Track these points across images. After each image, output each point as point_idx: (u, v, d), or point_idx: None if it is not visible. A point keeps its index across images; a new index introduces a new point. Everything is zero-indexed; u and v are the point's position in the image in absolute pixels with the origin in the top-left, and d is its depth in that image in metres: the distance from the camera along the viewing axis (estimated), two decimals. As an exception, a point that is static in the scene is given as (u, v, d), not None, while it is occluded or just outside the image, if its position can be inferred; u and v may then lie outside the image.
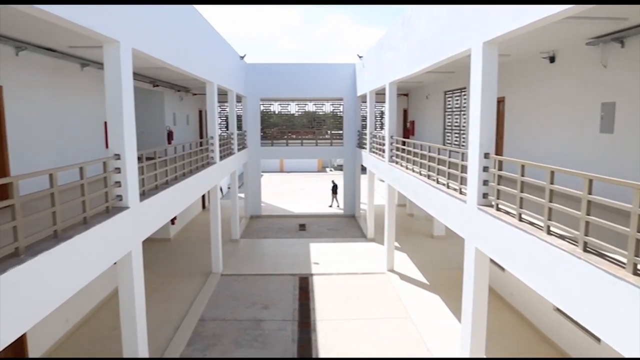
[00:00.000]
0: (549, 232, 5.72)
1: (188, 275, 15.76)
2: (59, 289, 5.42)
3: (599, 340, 8.95)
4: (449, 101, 17.24)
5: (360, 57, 21.77)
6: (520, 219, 6.45)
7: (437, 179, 10.26)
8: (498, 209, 7.18)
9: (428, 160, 10.91)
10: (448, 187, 9.55)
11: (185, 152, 11.79)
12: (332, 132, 26.80)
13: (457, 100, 16.41)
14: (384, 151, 16.25)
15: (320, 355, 10.56)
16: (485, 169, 7.59)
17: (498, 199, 7.20)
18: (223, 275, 15.77)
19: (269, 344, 10.97)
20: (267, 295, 13.99)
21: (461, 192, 8.73)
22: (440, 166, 10.06)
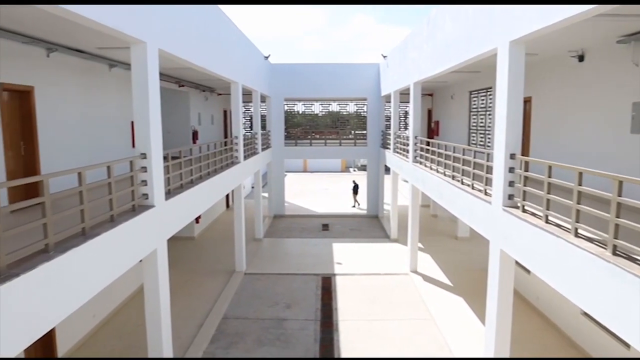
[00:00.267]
0: (576, 234, 5.61)
1: (212, 273, 15.92)
2: (87, 285, 5.54)
3: (628, 346, 8.73)
4: (474, 101, 17.02)
5: (384, 57, 21.67)
6: (547, 221, 6.34)
7: (461, 179, 10.15)
8: (524, 211, 7.07)
9: (453, 161, 10.80)
10: (473, 188, 9.45)
11: (209, 152, 11.91)
12: (356, 132, 26.75)
13: (482, 100, 16.20)
14: (408, 151, 16.14)
15: (342, 355, 10.55)
16: (511, 170, 7.48)
17: (524, 200, 7.09)
18: (246, 274, 15.89)
19: (291, 344, 11.01)
20: (289, 295, 14.04)
21: (486, 193, 8.62)
22: (465, 167, 9.95)
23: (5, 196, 7.83)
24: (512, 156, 7.47)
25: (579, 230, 5.62)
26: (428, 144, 13.74)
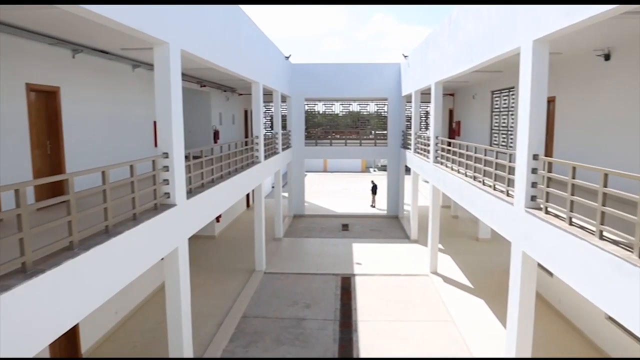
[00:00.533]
0: (601, 237, 5.50)
1: (232, 272, 16.03)
2: (110, 282, 5.63)
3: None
4: (497, 101, 16.81)
5: (405, 57, 21.55)
6: (571, 223, 6.23)
7: (483, 180, 10.04)
8: (547, 212, 6.96)
9: (474, 162, 10.69)
10: (494, 188, 9.33)
11: (230, 151, 12.00)
12: (376, 132, 26.65)
13: (505, 100, 15.98)
14: (428, 152, 16.03)
15: (362, 355, 10.52)
16: (534, 171, 7.37)
17: (547, 201, 6.97)
18: (266, 273, 15.97)
19: (310, 343, 11.02)
20: (309, 294, 14.06)
21: (508, 194, 8.51)
22: (486, 167, 9.84)
23: (32, 194, 8.01)
24: (535, 157, 7.36)
25: (604, 233, 5.51)
26: (449, 144, 13.62)
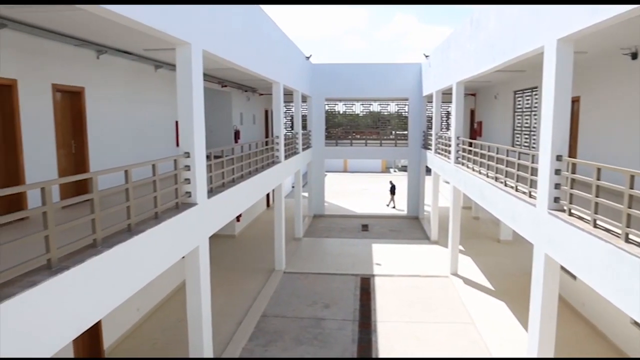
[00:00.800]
0: (627, 239, 5.38)
1: (251, 271, 16.13)
2: (132, 279, 5.72)
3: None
4: (519, 101, 16.58)
5: (426, 57, 21.40)
6: (595, 225, 6.11)
7: (505, 181, 9.91)
8: (570, 214, 6.85)
9: (496, 162, 10.57)
10: (517, 190, 9.21)
11: (251, 151, 12.07)
12: (397, 132, 26.53)
13: (527, 100, 15.76)
14: (449, 152, 15.90)
15: (380, 356, 10.48)
16: (558, 172, 7.25)
17: (571, 203, 6.85)
18: (286, 273, 16.02)
19: (329, 343, 11.03)
20: (328, 294, 14.07)
21: (531, 196, 8.39)
22: (508, 168, 9.71)
23: (57, 192, 8.17)
24: (559, 158, 7.24)
25: (630, 236, 5.39)
26: (470, 144, 13.49)
